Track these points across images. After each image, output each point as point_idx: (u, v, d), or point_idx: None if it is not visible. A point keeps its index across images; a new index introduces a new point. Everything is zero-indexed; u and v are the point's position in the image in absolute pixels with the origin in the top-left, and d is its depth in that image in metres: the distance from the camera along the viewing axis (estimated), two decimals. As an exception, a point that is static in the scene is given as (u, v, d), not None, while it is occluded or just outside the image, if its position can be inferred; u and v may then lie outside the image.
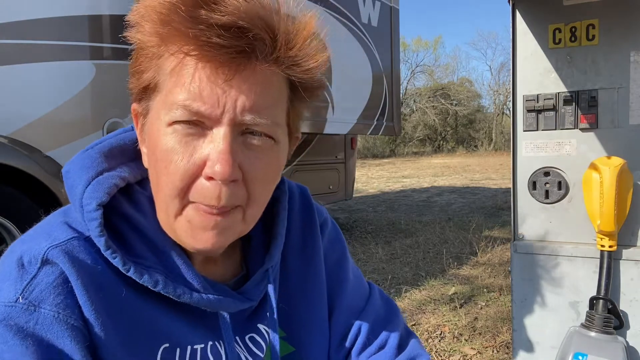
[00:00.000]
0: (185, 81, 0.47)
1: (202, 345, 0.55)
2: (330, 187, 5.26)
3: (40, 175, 2.40)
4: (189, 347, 0.54)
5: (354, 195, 6.25)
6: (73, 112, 2.53)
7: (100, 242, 0.49)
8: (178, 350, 0.53)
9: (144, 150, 0.55)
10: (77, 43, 2.53)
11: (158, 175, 0.50)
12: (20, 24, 2.33)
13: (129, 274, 0.49)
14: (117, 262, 0.49)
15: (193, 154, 0.48)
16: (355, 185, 6.15)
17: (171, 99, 0.48)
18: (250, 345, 0.60)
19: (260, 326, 0.61)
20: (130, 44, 0.51)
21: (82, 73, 2.55)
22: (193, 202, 0.49)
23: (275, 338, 0.61)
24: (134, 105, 0.54)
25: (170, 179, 0.48)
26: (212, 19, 0.44)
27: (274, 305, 0.60)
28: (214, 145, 0.47)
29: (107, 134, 0.58)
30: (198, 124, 0.48)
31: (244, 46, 0.45)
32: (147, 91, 0.51)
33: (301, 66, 0.50)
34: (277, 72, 0.50)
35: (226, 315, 0.57)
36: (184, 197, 0.49)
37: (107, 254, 0.49)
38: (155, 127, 0.50)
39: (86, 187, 0.51)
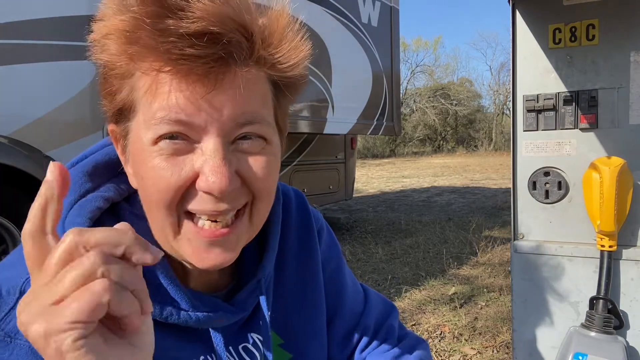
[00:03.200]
0: (163, 99, 0.44)
1: None
2: (330, 187, 5.26)
3: (40, 175, 2.40)
4: None
5: (354, 195, 6.25)
6: (73, 112, 2.53)
7: None
8: None
9: (129, 171, 0.52)
10: (77, 43, 2.53)
11: (148, 195, 0.47)
12: (20, 24, 2.33)
13: None
14: None
15: (183, 168, 0.45)
16: (355, 185, 6.15)
17: (151, 116, 0.45)
18: (244, 354, 0.59)
19: (253, 335, 0.61)
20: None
21: (82, 73, 2.55)
22: (190, 216, 0.47)
23: (268, 348, 0.60)
24: (112, 126, 0.52)
25: (161, 196, 0.46)
26: (181, 27, 0.41)
27: (266, 315, 0.59)
28: (206, 157, 0.45)
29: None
30: (184, 138, 0.45)
31: (220, 53, 0.43)
32: (124, 112, 0.48)
33: (282, 64, 0.48)
34: (259, 73, 0.48)
35: (217, 329, 0.56)
36: (176, 210, 0.47)
37: None
38: (138, 148, 0.47)
39: (69, 211, 0.50)
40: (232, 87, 0.45)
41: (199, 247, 0.47)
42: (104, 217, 0.51)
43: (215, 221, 0.47)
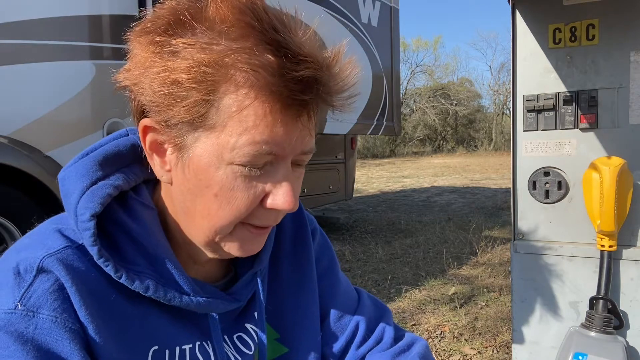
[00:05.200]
0: (259, 126, 0.47)
1: (190, 345, 0.57)
2: (330, 187, 5.26)
3: (40, 175, 2.40)
4: (177, 348, 0.55)
5: (354, 195, 6.25)
6: (73, 112, 2.53)
7: (93, 251, 0.50)
8: (167, 352, 0.54)
9: (161, 166, 0.53)
10: (77, 43, 2.53)
11: (212, 207, 0.51)
12: (20, 24, 2.33)
13: (121, 281, 0.51)
14: (109, 269, 0.50)
15: (257, 188, 0.50)
16: (355, 185, 6.15)
17: (240, 142, 0.47)
18: (239, 344, 0.62)
19: (248, 326, 0.64)
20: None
21: (82, 73, 2.55)
22: (244, 224, 0.52)
23: (263, 337, 0.62)
24: (149, 122, 0.51)
25: (233, 213, 0.50)
26: (293, 70, 0.45)
27: (262, 305, 0.62)
28: (279, 182, 0.50)
29: (107, 134, 0.58)
30: (265, 165, 0.50)
31: (315, 95, 0.47)
32: (191, 123, 0.48)
33: (342, 101, 0.52)
34: None
35: (215, 315, 0.59)
36: (239, 222, 0.52)
37: (100, 262, 0.50)
38: (211, 164, 0.49)
39: (80, 197, 0.51)
40: (311, 121, 0.51)
41: (247, 243, 0.54)
42: (113, 204, 0.54)
43: None
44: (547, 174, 1.54)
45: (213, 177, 0.49)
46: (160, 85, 0.47)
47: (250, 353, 0.62)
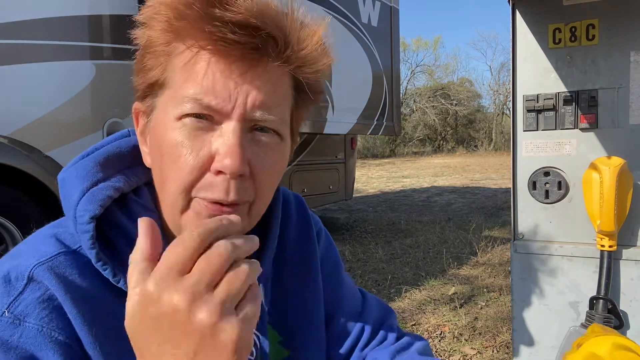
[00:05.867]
0: (197, 75, 0.48)
1: None
2: (330, 187, 5.26)
3: (40, 175, 2.40)
4: None
5: (354, 195, 6.25)
6: (73, 112, 2.53)
7: (91, 255, 0.49)
8: None
9: (144, 149, 0.55)
10: (77, 43, 2.53)
11: (164, 171, 0.50)
12: (20, 24, 2.33)
13: (119, 285, 0.50)
14: (107, 273, 0.49)
15: (202, 148, 0.48)
16: (355, 185, 6.16)
17: (182, 93, 0.48)
18: None
19: None
20: (132, 44, 0.52)
21: (82, 73, 2.55)
22: (200, 199, 0.49)
23: (264, 341, 0.61)
24: (137, 104, 0.55)
25: (178, 173, 0.48)
26: (226, 16, 0.45)
27: (264, 310, 0.61)
28: (224, 139, 0.48)
29: (107, 134, 0.58)
30: (208, 118, 0.48)
31: (257, 43, 0.47)
32: (154, 88, 0.52)
33: (310, 67, 0.52)
34: (286, 72, 0.51)
35: None
36: (190, 192, 0.49)
37: (98, 265, 0.49)
38: (161, 123, 0.50)
39: (80, 199, 0.51)
40: (262, 77, 0.49)
41: (204, 219, 0.49)
42: (112, 206, 0.53)
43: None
44: (547, 174, 1.54)
45: (164, 136, 0.49)
46: (137, 64, 0.52)
47: (252, 358, 0.61)
